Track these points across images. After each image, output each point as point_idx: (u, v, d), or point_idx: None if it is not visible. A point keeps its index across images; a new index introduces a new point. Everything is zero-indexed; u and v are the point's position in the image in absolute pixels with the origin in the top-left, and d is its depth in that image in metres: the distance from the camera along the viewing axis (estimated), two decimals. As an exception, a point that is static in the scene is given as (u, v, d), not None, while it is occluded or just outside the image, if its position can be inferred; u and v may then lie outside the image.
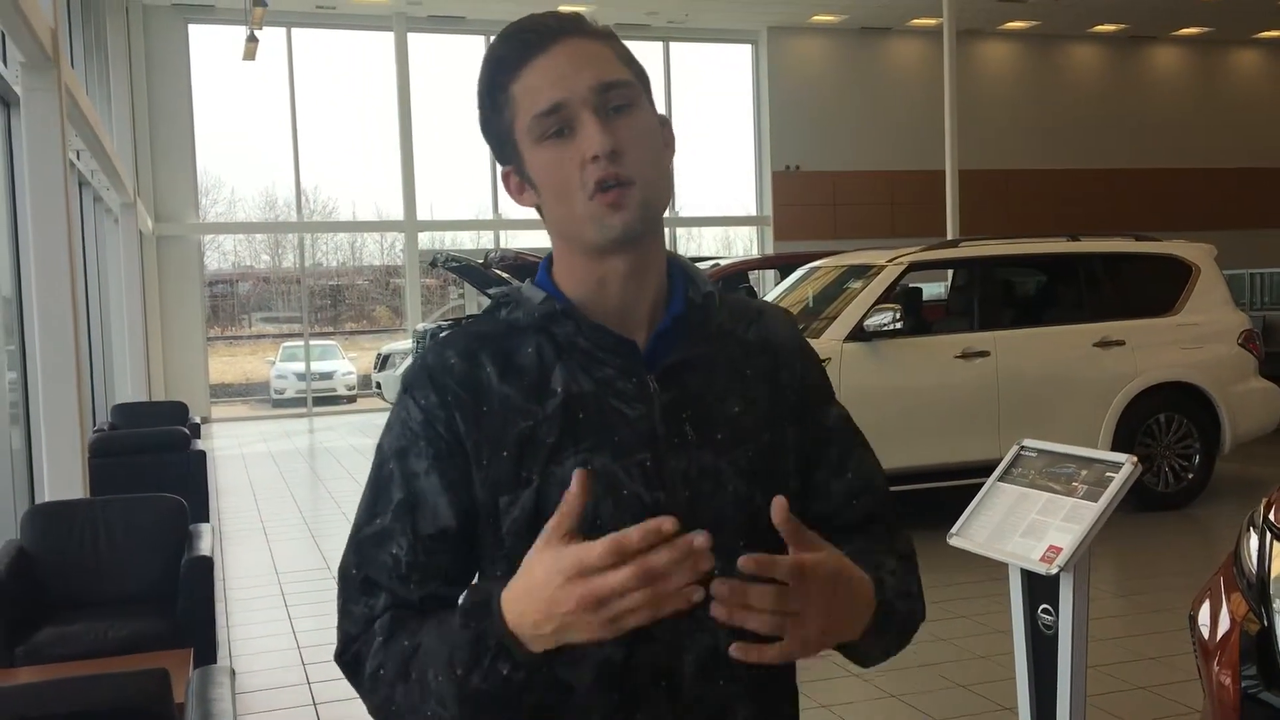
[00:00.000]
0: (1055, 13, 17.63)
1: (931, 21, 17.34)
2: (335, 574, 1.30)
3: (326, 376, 18.94)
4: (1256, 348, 7.97)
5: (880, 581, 1.23)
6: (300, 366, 18.47)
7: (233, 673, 3.01)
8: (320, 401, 17.90)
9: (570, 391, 1.22)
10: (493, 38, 1.28)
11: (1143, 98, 19.71)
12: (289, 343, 19.63)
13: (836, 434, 1.36)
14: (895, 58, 18.51)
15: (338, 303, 21.68)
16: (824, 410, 1.36)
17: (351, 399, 19.14)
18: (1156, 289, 7.91)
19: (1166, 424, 7.63)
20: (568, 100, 1.18)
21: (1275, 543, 2.89)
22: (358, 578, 1.22)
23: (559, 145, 1.19)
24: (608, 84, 1.19)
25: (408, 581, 1.20)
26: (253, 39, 12.73)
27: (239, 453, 12.73)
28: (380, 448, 1.26)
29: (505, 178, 1.28)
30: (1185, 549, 6.79)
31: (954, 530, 3.46)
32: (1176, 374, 7.62)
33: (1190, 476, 7.67)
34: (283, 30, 16.36)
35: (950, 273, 9.39)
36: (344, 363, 19.76)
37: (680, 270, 1.30)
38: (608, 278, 1.24)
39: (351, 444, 13.21)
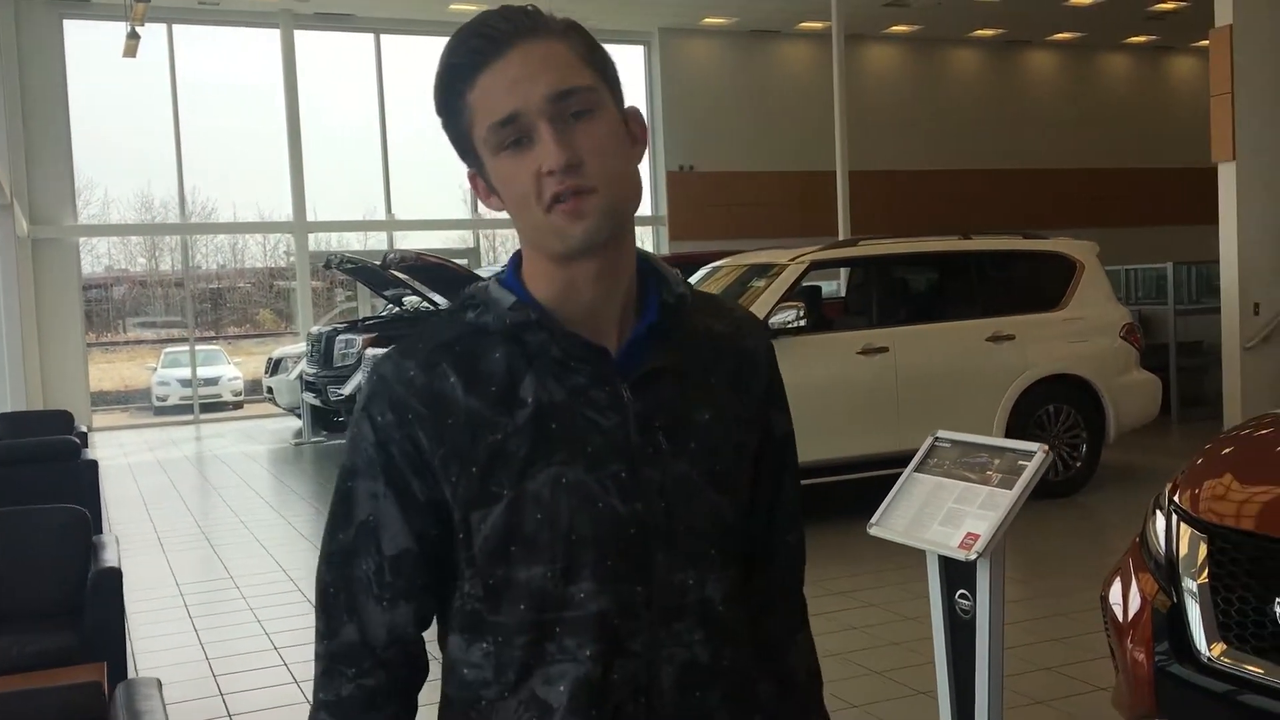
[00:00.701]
0: (937, 17, 18.13)
1: (819, 25, 17.67)
2: (238, 584, 1.31)
3: (212, 382, 18.50)
4: (1137, 340, 8.33)
5: None
6: (183, 372, 17.96)
7: (159, 684, 2.93)
8: (206, 408, 17.45)
9: (541, 401, 1.19)
10: (382, 35, 1.25)
11: (1021, 100, 20.39)
12: (171, 348, 19.09)
13: (784, 450, 1.39)
14: (785, 60, 18.81)
15: (218, 306, 21.11)
16: (780, 417, 1.38)
17: (238, 405, 18.70)
18: (1044, 285, 8.21)
19: (1055, 414, 7.92)
20: (523, 110, 1.15)
21: (1182, 524, 3.04)
22: (340, 598, 1.23)
23: (517, 155, 1.17)
24: (564, 91, 1.16)
25: (381, 601, 1.22)
26: (134, 35, 12.34)
27: (125, 462, 12.32)
28: (341, 463, 1.26)
29: (472, 180, 1.25)
30: (1076, 535, 7.05)
31: (873, 520, 3.55)
32: (1064, 366, 7.92)
33: (1078, 465, 7.98)
34: (163, 26, 15.88)
35: (846, 271, 9.61)
36: (229, 368, 19.31)
37: (652, 270, 1.28)
38: (577, 280, 1.21)
39: (243, 451, 12.90)
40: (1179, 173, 20.09)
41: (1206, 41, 10.29)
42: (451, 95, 1.20)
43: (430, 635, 1.28)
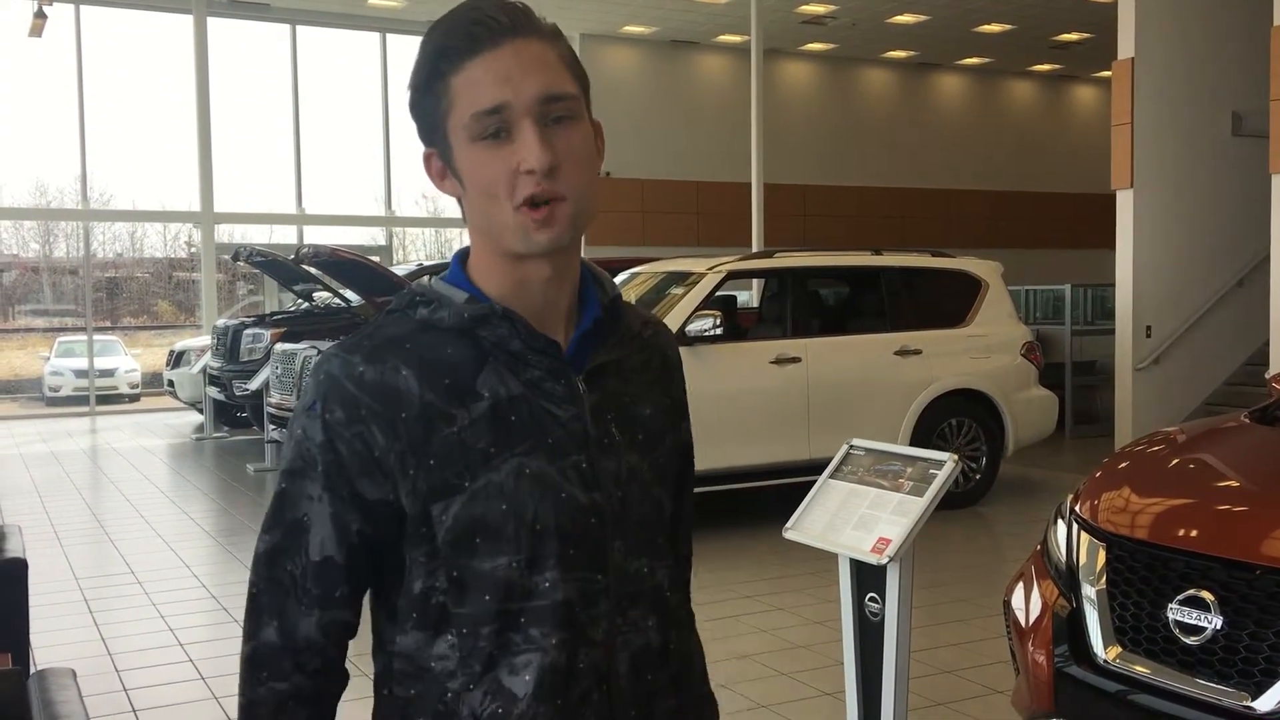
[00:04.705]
0: (851, 37, 18.49)
1: (737, 38, 17.90)
2: (139, 578, 1.30)
3: (108, 374, 18.04)
4: (1037, 358, 8.62)
5: None
6: (78, 363, 17.49)
7: (74, 674, 2.89)
8: (101, 400, 17.00)
9: (498, 395, 1.20)
10: (298, 27, 1.24)
11: (930, 121, 20.87)
12: (65, 337, 18.57)
13: (689, 452, 1.46)
14: (704, 72, 19.00)
15: (115, 296, 20.54)
16: (686, 425, 1.44)
17: (135, 398, 18.26)
18: (950, 302, 8.45)
19: (958, 428, 8.16)
20: (511, 104, 1.16)
21: (1082, 533, 3.19)
22: (262, 599, 1.23)
23: (494, 147, 1.17)
24: (553, 96, 1.18)
25: (300, 604, 1.21)
26: (41, 15, 11.99)
27: (17, 453, 11.94)
28: (281, 464, 1.24)
29: (427, 159, 1.25)
30: (975, 544, 7.27)
31: (789, 524, 3.65)
32: (967, 381, 8.16)
33: (978, 477, 8.22)
34: (71, 6, 15.44)
35: (760, 281, 9.77)
36: (127, 359, 18.84)
37: (589, 273, 1.31)
38: (529, 280, 1.23)
39: (142, 445, 12.59)
40: (1078, 198, 20.78)
41: (1108, 72, 10.69)
42: (434, 75, 1.19)
43: (362, 647, 1.28)
